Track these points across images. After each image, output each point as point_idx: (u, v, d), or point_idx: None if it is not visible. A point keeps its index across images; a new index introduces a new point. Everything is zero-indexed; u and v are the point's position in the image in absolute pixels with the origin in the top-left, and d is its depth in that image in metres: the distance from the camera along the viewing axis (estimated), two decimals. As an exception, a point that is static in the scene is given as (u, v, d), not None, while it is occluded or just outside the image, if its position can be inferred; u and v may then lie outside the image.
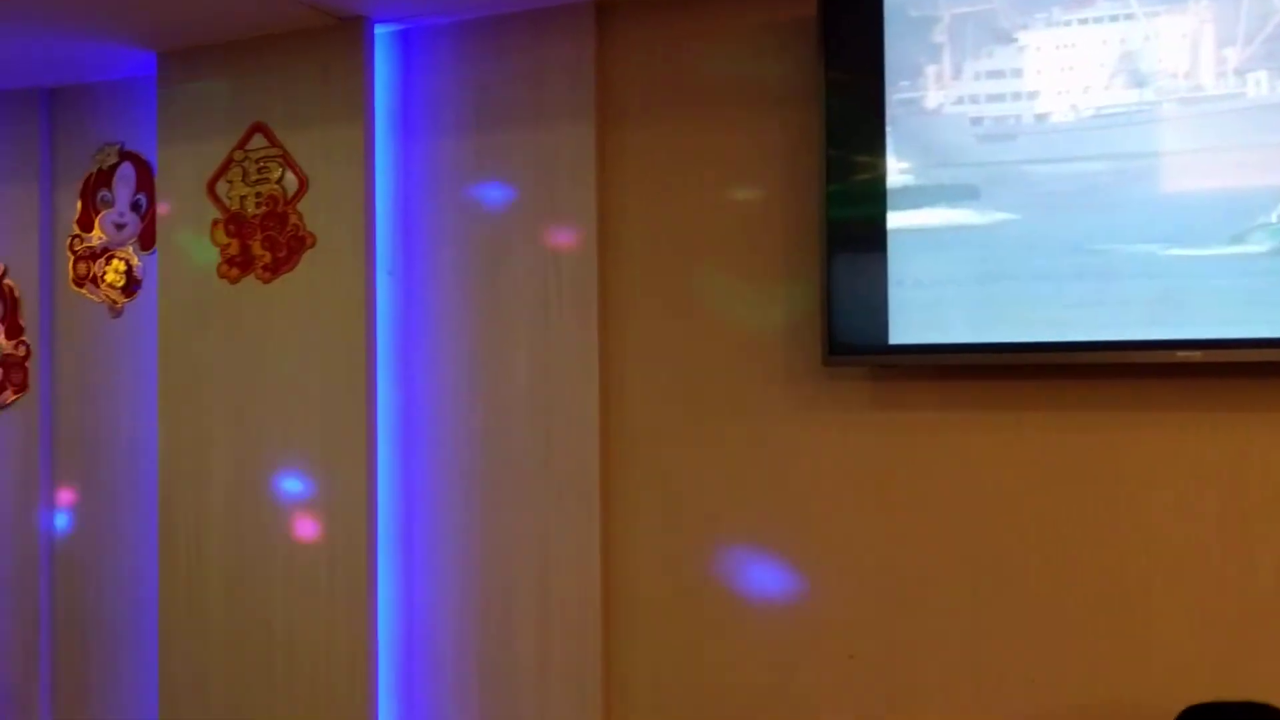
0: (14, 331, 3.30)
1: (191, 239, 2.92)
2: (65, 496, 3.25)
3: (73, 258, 3.26)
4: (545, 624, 2.61)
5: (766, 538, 2.45)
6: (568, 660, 2.59)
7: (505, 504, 2.67)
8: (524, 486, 2.65)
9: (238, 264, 2.86)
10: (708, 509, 2.50)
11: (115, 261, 3.20)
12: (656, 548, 2.55)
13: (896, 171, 2.23)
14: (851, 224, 2.28)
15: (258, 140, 2.85)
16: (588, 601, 2.57)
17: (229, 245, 2.87)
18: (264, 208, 2.84)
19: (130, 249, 3.18)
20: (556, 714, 2.60)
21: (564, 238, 2.62)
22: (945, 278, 2.18)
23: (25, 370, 3.29)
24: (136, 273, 3.17)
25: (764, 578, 2.46)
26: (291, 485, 2.81)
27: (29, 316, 3.29)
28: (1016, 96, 2.12)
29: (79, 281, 3.25)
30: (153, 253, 3.13)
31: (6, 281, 3.32)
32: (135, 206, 3.18)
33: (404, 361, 2.79)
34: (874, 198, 2.26)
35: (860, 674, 2.36)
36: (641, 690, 2.56)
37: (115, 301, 3.20)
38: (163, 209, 2.98)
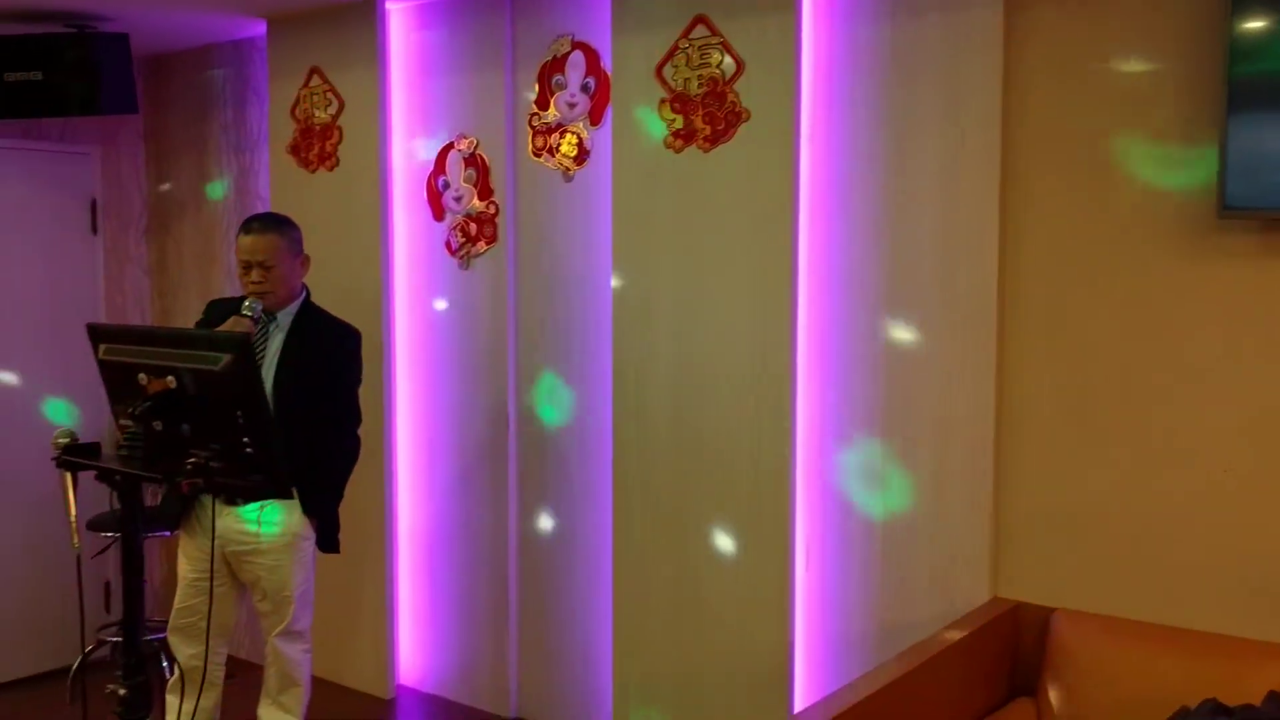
0: (485, 194, 4.06)
1: (643, 115, 3.52)
2: (526, 324, 4.02)
3: (531, 132, 3.96)
4: (944, 438, 3.11)
5: (1152, 372, 2.83)
6: (963, 470, 3.08)
7: (910, 335, 3.17)
8: (928, 321, 3.12)
9: (681, 136, 3.45)
10: (1097, 345, 2.89)
11: (568, 135, 3.86)
12: (1046, 378, 2.97)
13: (1298, 43, 2.49)
14: (1251, 88, 2.56)
15: (699, 30, 3.39)
16: (982, 420, 3.04)
17: (674, 120, 3.46)
18: (705, 88, 3.39)
19: (580, 125, 3.84)
20: (951, 513, 3.11)
21: (970, 111, 3.02)
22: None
23: (495, 225, 4.05)
24: (586, 144, 3.83)
25: (1144, 405, 2.84)
26: (721, 321, 3.42)
27: (497, 181, 4.03)
28: None
29: (537, 152, 3.95)
30: (599, 127, 3.77)
31: (479, 153, 4.07)
32: (585, 88, 3.82)
33: (821, 218, 3.30)
34: (1274, 62, 2.53)
35: (1234, 490, 2.73)
36: (1027, 499, 3.03)
37: (568, 169, 3.88)
38: (617, 91, 3.59)
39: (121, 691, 2.57)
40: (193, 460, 2.64)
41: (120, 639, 2.70)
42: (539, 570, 4.05)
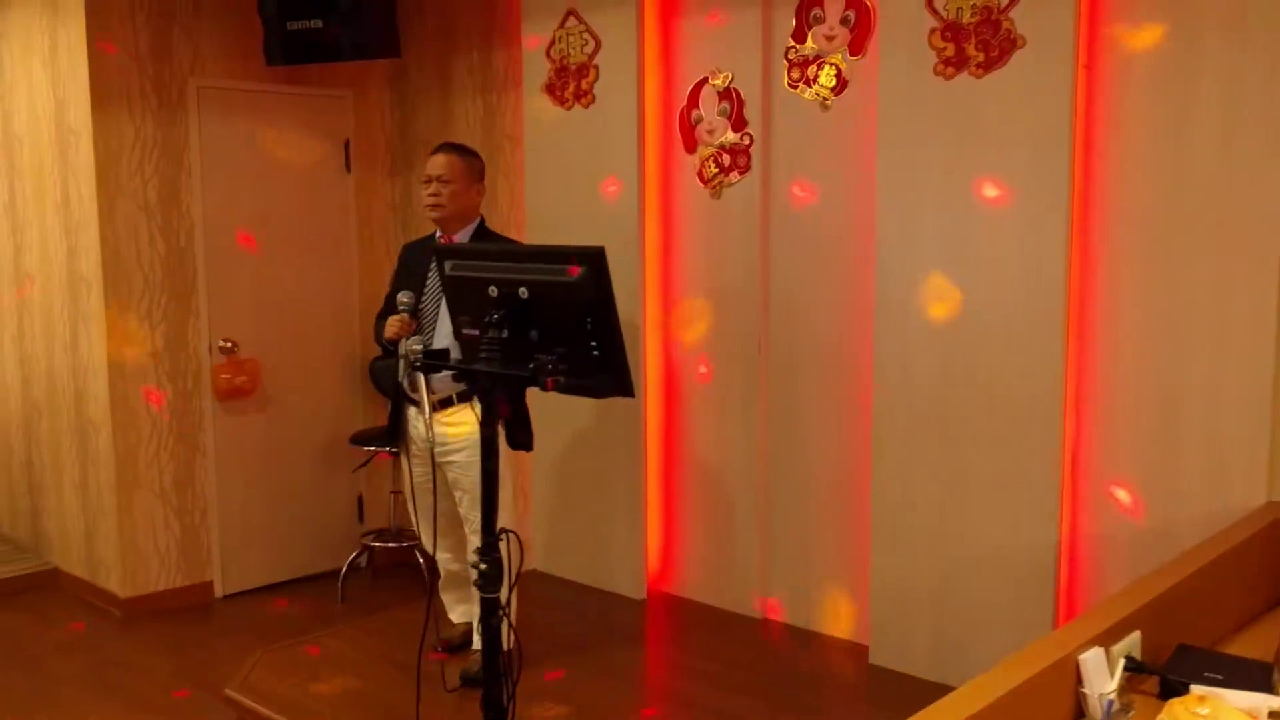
0: (739, 125, 4.28)
1: (912, 44, 3.68)
2: (779, 249, 4.23)
3: (787, 65, 4.15)
4: (1220, 347, 3.23)
5: None
6: (1240, 378, 3.19)
7: (1185, 252, 3.28)
8: (1204, 240, 3.23)
9: (953, 64, 3.60)
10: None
11: (826, 66, 4.04)
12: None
13: None
14: None
15: (974, -40, 3.54)
16: (1261, 327, 3.13)
17: (945, 49, 3.61)
18: (978, 16, 3.54)
19: (840, 56, 4.01)
20: (1226, 419, 3.23)
21: (1260, 26, 3.09)
22: None
23: (748, 156, 4.26)
24: (845, 75, 4.01)
25: None
26: (992, 244, 3.58)
27: (751, 113, 4.24)
28: None
29: (793, 84, 4.14)
30: (860, 57, 3.94)
31: (733, 86, 4.28)
32: (844, 21, 3.98)
33: (1098, 144, 3.43)
34: None
35: None
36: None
37: (825, 99, 4.06)
38: (884, 21, 3.75)
39: (483, 566, 2.90)
40: (546, 362, 2.92)
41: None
42: (789, 479, 4.30)
